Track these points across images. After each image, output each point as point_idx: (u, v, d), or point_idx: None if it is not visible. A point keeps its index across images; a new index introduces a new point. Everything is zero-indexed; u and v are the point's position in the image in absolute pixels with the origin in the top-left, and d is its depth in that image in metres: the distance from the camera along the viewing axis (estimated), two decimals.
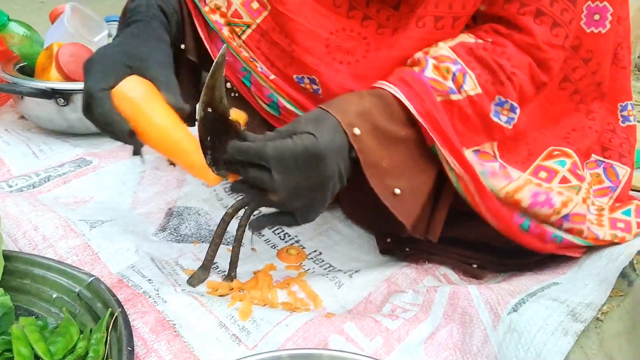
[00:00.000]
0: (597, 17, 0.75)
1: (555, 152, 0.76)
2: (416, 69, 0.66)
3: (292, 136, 0.58)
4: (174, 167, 0.93)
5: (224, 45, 0.58)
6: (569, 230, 0.73)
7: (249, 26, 0.75)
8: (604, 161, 0.82)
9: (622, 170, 0.82)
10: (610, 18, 0.75)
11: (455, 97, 0.65)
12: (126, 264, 0.73)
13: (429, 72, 0.66)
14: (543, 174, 0.74)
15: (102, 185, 0.90)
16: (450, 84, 0.65)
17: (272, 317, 0.66)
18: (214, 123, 0.59)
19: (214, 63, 0.56)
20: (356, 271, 0.77)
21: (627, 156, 0.83)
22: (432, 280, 0.78)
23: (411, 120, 0.64)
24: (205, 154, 0.60)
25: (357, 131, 0.61)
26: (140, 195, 0.89)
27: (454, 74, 0.65)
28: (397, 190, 0.64)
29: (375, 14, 0.72)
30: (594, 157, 0.82)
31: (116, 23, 1.23)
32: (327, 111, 0.62)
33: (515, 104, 0.68)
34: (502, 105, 0.68)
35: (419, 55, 0.68)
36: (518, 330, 0.61)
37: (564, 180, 0.75)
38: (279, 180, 0.58)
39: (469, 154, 0.67)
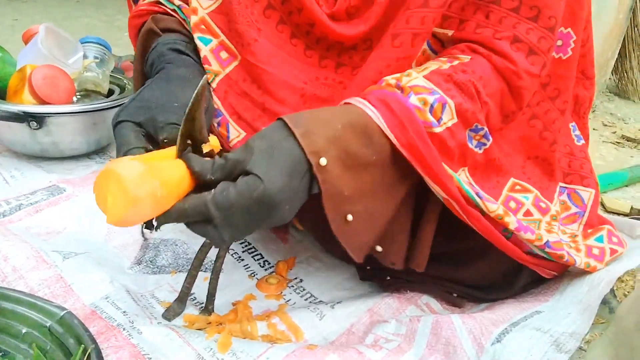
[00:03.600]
0: (559, 42, 0.74)
1: (517, 187, 0.76)
2: (398, 92, 0.62)
3: (237, 180, 0.52)
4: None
5: (205, 76, 0.56)
6: (550, 254, 0.72)
7: (216, 75, 0.73)
8: (567, 187, 0.82)
9: (586, 194, 0.83)
10: (572, 45, 0.75)
11: (437, 129, 0.62)
12: (100, 294, 0.70)
13: (414, 99, 0.61)
14: (512, 204, 0.74)
15: (76, 215, 0.87)
16: (430, 117, 0.61)
17: (253, 349, 0.64)
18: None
19: (194, 94, 0.55)
20: (338, 302, 0.76)
21: (589, 176, 0.83)
22: (415, 310, 0.77)
23: (388, 148, 0.59)
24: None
25: (323, 162, 0.54)
26: (115, 227, 0.86)
27: (431, 106, 0.61)
28: (350, 217, 0.58)
29: (349, 59, 0.72)
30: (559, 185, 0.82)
31: (91, 45, 1.23)
32: (288, 128, 0.54)
33: (489, 132, 0.68)
34: (477, 132, 0.66)
35: (393, 82, 0.63)
36: None
37: (527, 213, 0.75)
38: (225, 233, 0.52)
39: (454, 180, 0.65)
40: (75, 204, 0.90)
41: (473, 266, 0.77)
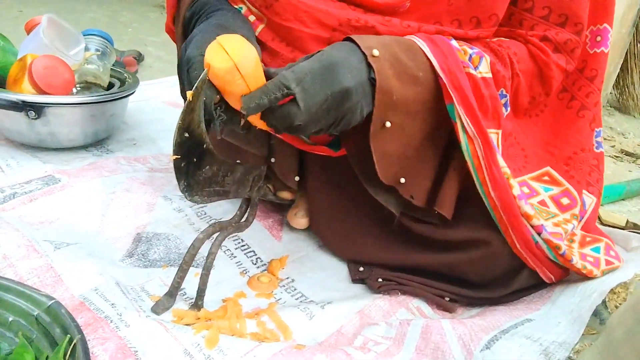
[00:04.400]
0: (599, 38, 0.81)
1: (545, 177, 0.78)
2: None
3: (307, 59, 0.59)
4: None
5: (204, 70, 0.56)
6: (546, 241, 0.72)
7: None
8: None
9: (589, 200, 0.84)
10: (610, 38, 0.82)
11: (473, 72, 0.67)
12: (90, 286, 0.70)
13: (455, 43, 0.68)
14: (525, 189, 0.76)
15: (70, 206, 0.87)
16: (468, 60, 0.67)
17: (240, 346, 0.64)
18: (190, 148, 0.58)
19: (194, 87, 0.55)
20: (329, 302, 0.75)
21: (594, 185, 0.85)
22: (406, 313, 0.76)
23: (431, 73, 0.65)
24: (179, 179, 0.58)
25: (375, 52, 0.61)
26: (108, 219, 0.86)
27: (470, 56, 0.68)
28: (388, 124, 0.64)
29: (373, 15, 0.72)
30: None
31: (94, 37, 1.23)
32: (345, 40, 0.62)
33: (508, 103, 0.73)
34: (501, 97, 0.71)
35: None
36: None
37: (542, 203, 0.76)
38: (302, 102, 0.57)
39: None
40: (69, 195, 0.90)
41: (472, 259, 0.76)
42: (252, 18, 0.74)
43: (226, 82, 0.56)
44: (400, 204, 0.76)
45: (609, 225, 1.17)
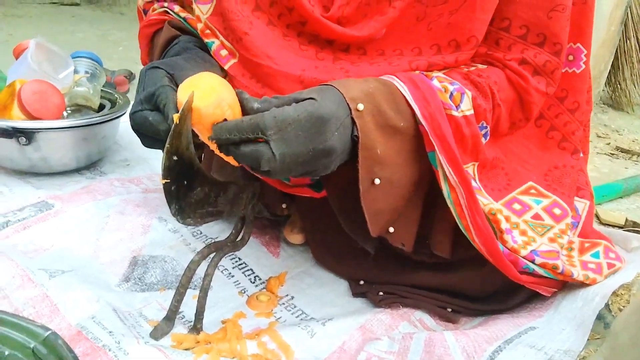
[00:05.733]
0: (570, 57, 0.78)
1: (532, 191, 0.77)
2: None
3: (293, 104, 0.55)
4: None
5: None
6: (542, 265, 0.72)
7: None
8: None
9: (581, 205, 0.83)
10: (584, 59, 0.79)
11: (455, 113, 0.65)
12: (86, 314, 0.69)
13: (436, 82, 0.66)
14: (517, 206, 0.75)
15: (64, 232, 0.86)
16: (449, 100, 0.65)
17: None
18: (180, 171, 0.57)
19: (181, 110, 0.54)
20: (330, 319, 0.74)
21: (584, 188, 0.84)
22: (408, 326, 0.75)
23: (412, 120, 0.63)
24: (170, 203, 0.57)
25: (360, 107, 0.58)
26: (103, 243, 0.85)
27: (451, 93, 0.65)
28: (377, 181, 0.62)
29: (345, 55, 0.72)
30: None
31: (83, 59, 1.22)
32: (330, 85, 0.59)
33: (488, 133, 0.71)
34: (481, 129, 0.70)
35: (416, 72, 0.68)
36: None
37: (536, 217, 0.75)
38: (277, 150, 0.54)
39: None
40: (63, 220, 0.89)
41: (470, 277, 0.77)
42: (224, 53, 0.72)
43: (215, 116, 0.55)
44: (377, 243, 0.74)
45: (609, 225, 1.17)
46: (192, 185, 0.59)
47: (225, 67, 0.71)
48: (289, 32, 0.73)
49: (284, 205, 0.84)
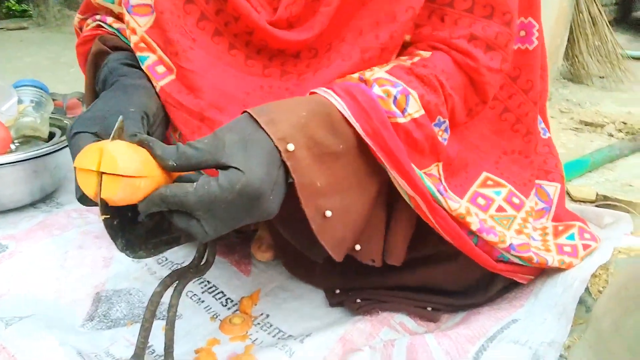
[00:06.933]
0: (522, 33, 0.75)
1: (489, 182, 0.75)
2: (362, 84, 0.61)
3: (219, 175, 0.50)
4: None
5: (120, 117, 0.51)
6: (518, 257, 0.70)
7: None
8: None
9: (552, 188, 0.82)
10: (537, 34, 0.75)
11: (401, 120, 0.60)
12: None
13: (377, 90, 0.60)
14: (481, 201, 0.73)
15: (21, 274, 0.81)
16: (393, 107, 0.60)
17: None
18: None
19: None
20: (307, 335, 0.71)
21: (554, 171, 0.83)
22: (389, 332, 0.73)
23: (354, 138, 0.58)
24: (114, 238, 0.53)
25: (290, 147, 0.53)
26: (64, 282, 0.80)
27: (395, 98, 0.60)
28: (328, 213, 0.57)
29: (294, 67, 0.69)
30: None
31: (26, 88, 1.17)
32: (255, 120, 0.53)
33: (448, 127, 0.67)
34: (439, 125, 0.65)
35: (355, 76, 0.63)
36: None
37: (500, 209, 0.74)
38: (209, 228, 0.50)
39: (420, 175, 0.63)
40: (19, 262, 0.84)
41: (446, 268, 0.75)
42: (160, 69, 0.68)
43: (131, 199, 0.49)
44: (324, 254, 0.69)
45: (580, 201, 1.17)
46: (137, 215, 0.55)
47: (161, 84, 0.67)
48: (237, 42, 0.69)
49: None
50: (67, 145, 1.04)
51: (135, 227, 0.55)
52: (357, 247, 0.66)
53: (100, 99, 0.65)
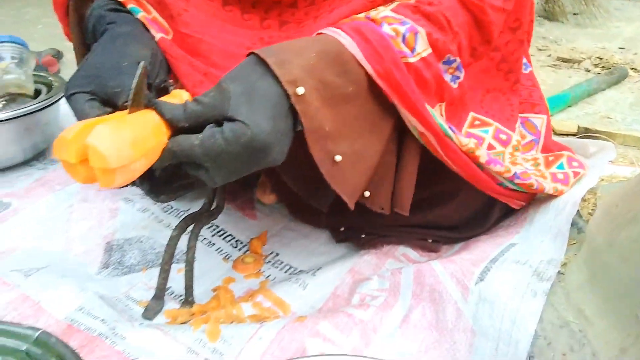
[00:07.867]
0: None
1: (477, 122, 0.77)
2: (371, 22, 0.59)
3: (224, 127, 0.49)
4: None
5: (141, 63, 0.51)
6: (519, 185, 0.74)
7: None
8: (520, 116, 0.83)
9: (539, 120, 0.85)
10: None
11: (411, 59, 0.60)
12: (73, 306, 0.67)
13: (387, 28, 0.58)
14: (473, 141, 0.75)
15: (29, 230, 0.82)
16: (403, 47, 0.59)
17: (243, 332, 0.63)
18: None
19: (134, 85, 0.50)
20: (318, 268, 0.75)
21: (539, 103, 0.85)
22: (394, 263, 0.77)
23: (365, 79, 0.57)
24: (139, 185, 0.55)
25: (300, 91, 0.52)
26: (73, 235, 0.82)
27: (403, 36, 0.59)
28: (338, 157, 0.57)
29: (292, 16, 0.68)
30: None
31: (6, 44, 1.14)
32: (261, 63, 0.52)
33: (461, 66, 0.67)
34: (450, 64, 0.66)
35: (362, 16, 0.62)
36: (489, 299, 0.62)
37: (490, 147, 0.76)
38: (217, 177, 0.52)
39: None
40: (25, 218, 0.85)
41: (445, 207, 0.78)
42: (156, 28, 0.66)
43: (132, 175, 0.49)
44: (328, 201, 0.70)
45: (562, 134, 1.21)
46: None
47: (160, 35, 0.65)
48: None
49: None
50: (56, 102, 1.04)
51: (157, 176, 0.56)
52: (367, 193, 0.66)
53: (91, 53, 0.63)
